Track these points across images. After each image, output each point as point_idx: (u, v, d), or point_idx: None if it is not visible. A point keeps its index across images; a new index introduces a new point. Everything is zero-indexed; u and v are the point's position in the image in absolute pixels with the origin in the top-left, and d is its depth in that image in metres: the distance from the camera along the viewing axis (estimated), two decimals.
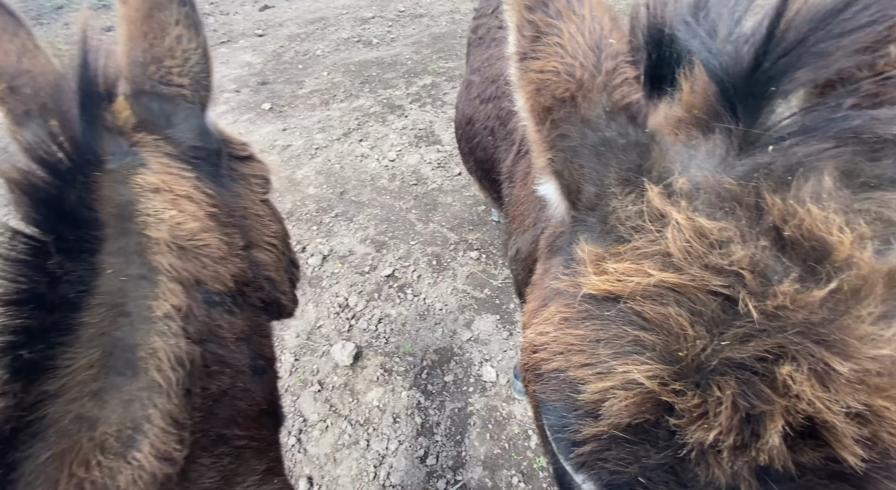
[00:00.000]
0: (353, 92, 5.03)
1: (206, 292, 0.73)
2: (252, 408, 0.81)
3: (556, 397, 0.44)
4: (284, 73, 5.69)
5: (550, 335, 0.46)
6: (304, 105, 4.91)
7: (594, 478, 0.42)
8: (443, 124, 4.25)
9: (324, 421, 2.09)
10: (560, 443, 0.45)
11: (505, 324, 2.48)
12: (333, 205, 3.49)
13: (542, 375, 0.47)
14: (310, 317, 2.63)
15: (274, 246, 0.95)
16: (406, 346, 2.41)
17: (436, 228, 3.18)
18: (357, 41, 6.31)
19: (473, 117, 1.72)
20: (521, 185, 1.26)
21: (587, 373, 0.41)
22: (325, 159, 4.00)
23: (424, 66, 5.35)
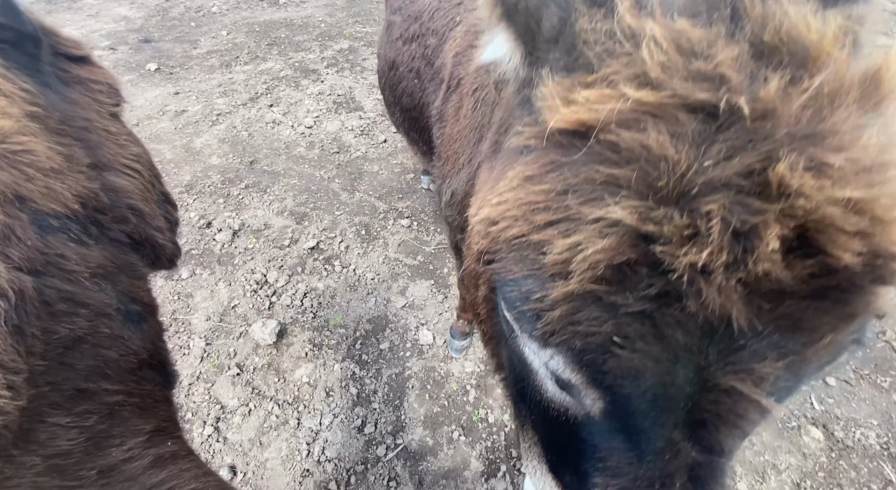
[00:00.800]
0: (258, 54, 4.51)
1: (35, 212, 0.60)
2: (127, 358, 0.70)
3: (517, 268, 0.39)
4: (173, 31, 4.91)
5: (510, 201, 0.41)
6: (199, 67, 4.29)
7: (564, 348, 0.38)
8: (364, 90, 4.01)
9: (245, 405, 1.88)
10: (524, 318, 0.40)
11: (440, 288, 2.45)
12: (243, 175, 3.12)
13: (500, 250, 0.41)
14: (222, 297, 2.33)
15: (136, 171, 0.83)
16: (336, 319, 2.26)
17: (363, 198, 3.01)
18: (260, 0, 5.65)
19: (397, 61, 1.60)
20: (453, 122, 1.20)
21: (553, 232, 0.37)
22: (230, 126, 3.56)
23: (340, 29, 4.99)
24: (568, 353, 0.38)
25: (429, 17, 1.41)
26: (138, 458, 0.71)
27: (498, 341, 0.58)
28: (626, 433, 0.40)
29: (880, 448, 1.78)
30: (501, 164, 0.50)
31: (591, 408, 0.42)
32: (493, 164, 0.58)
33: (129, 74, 4.17)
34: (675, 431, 0.38)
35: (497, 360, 0.63)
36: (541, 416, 0.50)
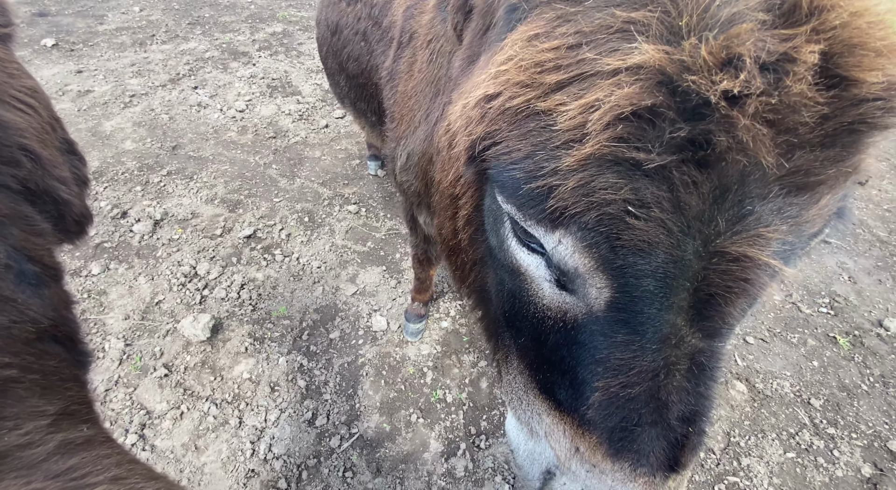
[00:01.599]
0: (178, 33, 4.10)
1: None
2: (24, 326, 0.58)
3: (522, 144, 0.35)
4: (74, 5, 4.31)
5: (512, 68, 0.37)
6: (107, 44, 3.80)
7: (575, 225, 0.35)
8: (301, 75, 3.80)
9: (176, 408, 1.66)
10: (530, 201, 0.36)
11: (392, 273, 2.37)
12: (164, 162, 2.79)
13: (500, 130, 0.37)
14: (143, 293, 2.05)
15: (30, 107, 0.71)
16: (280, 310, 2.09)
17: (304, 184, 2.83)
18: None
19: (340, 24, 1.51)
20: (406, 79, 1.14)
21: (566, 95, 0.33)
22: (147, 108, 3.18)
23: (273, 12, 4.69)
24: (579, 230, 0.35)
25: None
26: (39, 443, 0.59)
27: (482, 266, 0.54)
28: (629, 324, 0.38)
29: (794, 396, 2.02)
30: (487, 55, 0.46)
31: (594, 301, 0.39)
32: (469, 73, 0.54)
33: (20, 51, 3.56)
34: (680, 315, 0.36)
35: (477, 292, 0.59)
36: (532, 332, 0.47)
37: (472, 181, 0.48)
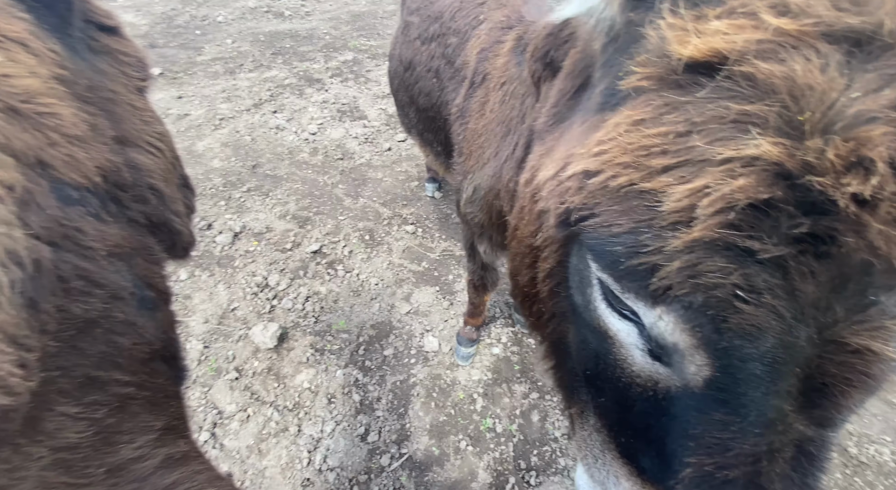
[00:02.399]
0: (263, 62, 4.54)
1: (56, 181, 0.56)
2: (140, 348, 0.65)
3: (624, 220, 0.37)
4: (178, 38, 4.94)
5: (615, 149, 0.38)
6: (203, 73, 4.30)
7: (679, 304, 0.35)
8: (368, 100, 4.04)
9: (244, 411, 1.79)
10: (630, 276, 0.37)
11: (445, 294, 2.41)
12: (245, 179, 3.08)
13: (599, 204, 0.39)
14: (221, 299, 2.26)
15: (159, 150, 0.81)
16: (339, 323, 2.20)
17: (366, 203, 2.99)
18: (266, 12, 5.74)
19: (414, 61, 1.61)
20: (477, 117, 1.19)
21: (671, 177, 0.34)
22: (233, 130, 3.54)
23: (345, 42, 5.06)
24: (683, 309, 0.35)
25: (450, 16, 1.43)
26: (148, 457, 0.66)
27: (562, 320, 0.55)
28: (730, 404, 0.37)
29: (894, 464, 1.75)
30: (580, 124, 0.48)
31: (692, 377, 0.39)
32: (556, 133, 0.56)
33: None
34: (787, 401, 0.35)
35: (554, 344, 0.60)
36: (616, 395, 0.47)
37: (559, 240, 0.49)
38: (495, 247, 1.37)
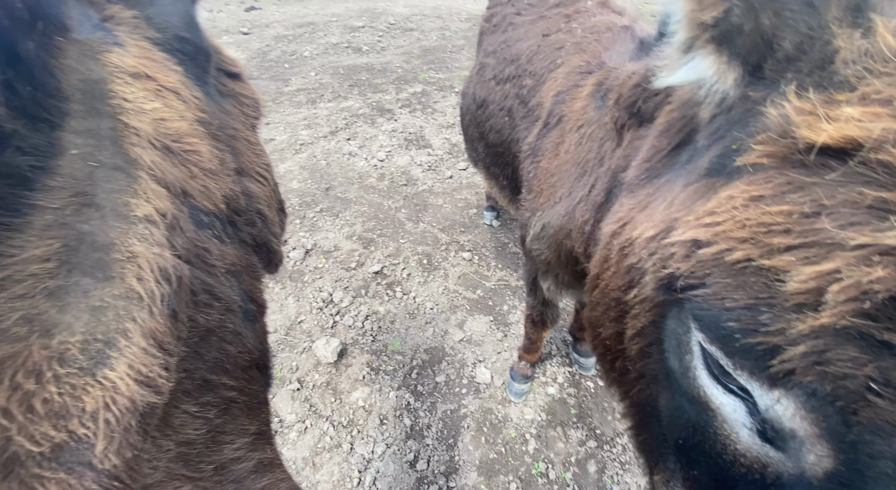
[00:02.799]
0: (341, 93, 4.95)
1: (193, 207, 0.65)
2: (243, 355, 0.72)
3: (738, 295, 0.36)
4: (270, 71, 5.55)
5: (730, 222, 0.38)
6: (289, 102, 4.78)
7: (802, 391, 0.33)
8: (433, 130, 4.23)
9: (302, 422, 1.88)
10: (745, 354, 0.36)
11: (499, 325, 2.38)
12: (318, 200, 3.33)
13: (710, 275, 0.38)
14: (289, 311, 2.42)
15: (265, 179, 0.91)
16: (395, 344, 2.26)
17: (426, 228, 3.08)
18: (346, 47, 6.30)
19: (487, 99, 1.68)
20: (551, 157, 1.21)
21: (795, 257, 0.34)
22: (311, 155, 3.86)
23: (415, 75, 5.39)
24: (805, 397, 0.34)
25: (527, 60, 1.49)
26: (244, 459, 0.72)
27: (652, 382, 0.53)
28: None
29: None
30: (682, 187, 0.48)
31: (810, 466, 0.36)
32: (649, 189, 0.56)
33: None
34: None
35: (639, 406, 0.58)
36: (713, 471, 0.44)
37: (656, 301, 0.49)
38: (560, 285, 1.35)
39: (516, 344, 2.26)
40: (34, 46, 0.49)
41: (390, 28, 7.11)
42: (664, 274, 0.44)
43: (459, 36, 6.75)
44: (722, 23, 0.44)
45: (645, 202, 0.56)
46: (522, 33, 1.62)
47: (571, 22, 1.47)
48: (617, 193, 0.79)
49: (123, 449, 0.45)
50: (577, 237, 1.06)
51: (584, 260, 1.01)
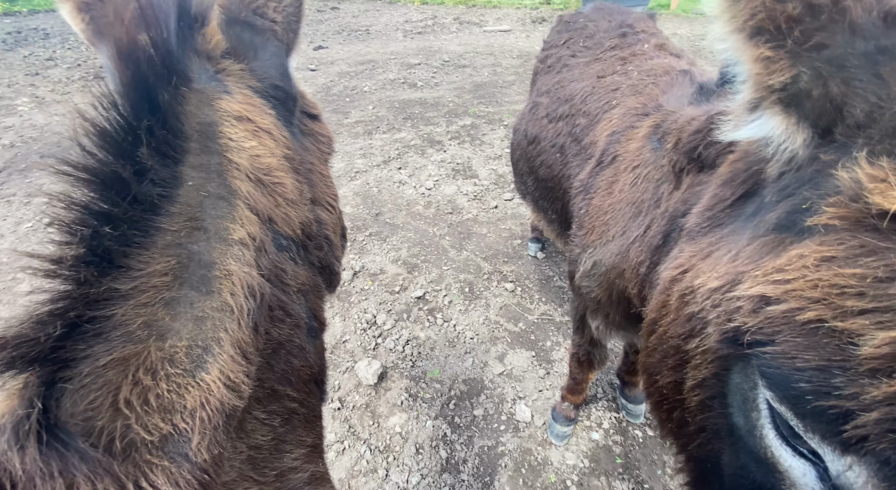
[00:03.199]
0: (395, 125, 5.25)
1: (276, 232, 0.73)
2: (305, 369, 0.77)
3: (810, 356, 0.36)
4: (332, 104, 6.02)
5: (801, 281, 0.38)
6: (348, 133, 5.12)
7: (876, 458, 0.32)
8: (480, 161, 4.34)
9: (341, 442, 1.91)
10: (815, 416, 0.35)
11: (541, 361, 2.32)
12: (368, 224, 3.49)
13: (780, 333, 0.38)
14: (336, 330, 2.52)
15: (333, 208, 0.99)
16: (434, 372, 2.26)
17: (469, 256, 3.12)
18: (402, 83, 6.71)
19: (539, 136, 1.73)
20: (604, 195, 1.22)
21: (870, 321, 0.33)
22: (364, 182, 4.09)
23: (465, 108, 5.61)
24: (879, 465, 0.32)
25: (581, 100, 1.53)
26: (300, 470, 0.76)
27: (713, 437, 0.51)
28: None
29: None
30: (748, 240, 0.48)
31: None
32: (712, 237, 0.56)
33: None
34: None
35: (699, 461, 0.55)
36: None
37: (720, 354, 0.48)
38: (611, 325, 1.31)
39: (559, 383, 2.18)
40: (168, 97, 0.60)
41: (444, 65, 7.51)
42: (729, 327, 0.44)
43: (510, 72, 6.98)
44: (790, 87, 0.45)
45: (707, 251, 0.56)
46: (577, 74, 1.67)
47: (627, 64, 1.50)
48: (675, 237, 0.79)
49: (212, 445, 0.50)
50: (630, 277, 1.04)
51: (637, 302, 0.99)
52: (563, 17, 2.15)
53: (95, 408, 0.44)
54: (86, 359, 0.46)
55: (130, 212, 0.52)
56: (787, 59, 0.45)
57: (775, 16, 0.45)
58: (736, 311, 0.43)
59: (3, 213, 3.66)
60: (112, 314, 0.48)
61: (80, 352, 0.46)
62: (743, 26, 0.47)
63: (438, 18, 11.80)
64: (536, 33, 9.66)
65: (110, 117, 0.52)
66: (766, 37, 0.46)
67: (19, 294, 2.76)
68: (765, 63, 0.46)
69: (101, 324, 0.48)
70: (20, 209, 3.71)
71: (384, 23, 11.44)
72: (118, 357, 0.47)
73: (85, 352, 0.46)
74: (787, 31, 0.44)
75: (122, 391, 0.45)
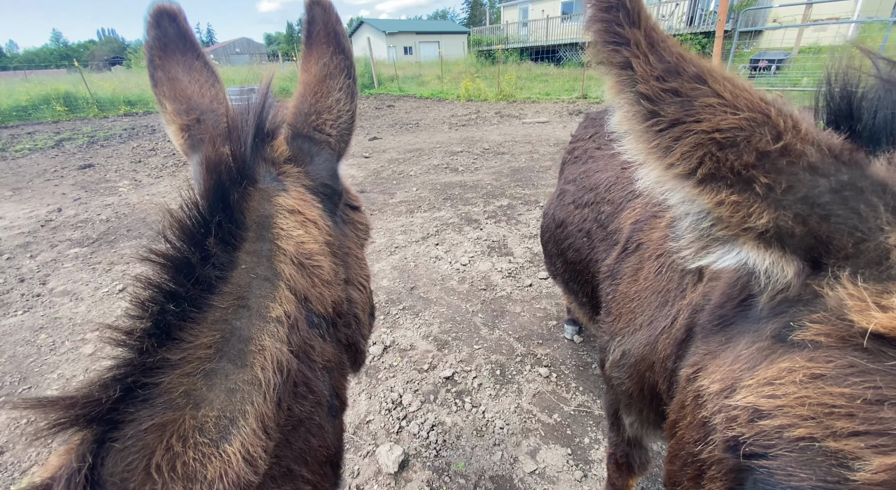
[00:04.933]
0: (435, 205, 5.59)
1: (309, 310, 0.78)
2: (322, 450, 0.75)
3: (806, 475, 0.34)
4: (380, 186, 6.58)
5: (790, 397, 0.37)
6: (392, 211, 5.51)
7: None
8: (516, 239, 4.43)
9: None
10: None
11: (578, 461, 2.09)
12: (403, 298, 3.56)
13: (775, 447, 0.36)
14: (360, 409, 2.45)
15: (364, 287, 1.03)
16: (459, 465, 2.09)
17: (501, 336, 3.04)
18: (445, 167, 7.28)
19: (566, 221, 1.78)
20: (630, 282, 1.21)
21: (864, 443, 0.31)
22: (402, 257, 4.26)
23: (503, 190, 5.91)
24: None
25: (605, 189, 1.59)
26: None
27: None
28: None
29: None
30: (747, 343, 0.47)
31: None
32: (721, 337, 0.55)
33: None
34: None
35: None
36: None
37: (730, 464, 0.44)
38: (645, 423, 1.20)
39: (598, 488, 1.93)
40: (237, 196, 0.72)
41: (484, 152, 8.13)
42: (730, 436, 0.41)
43: (547, 158, 7.40)
44: (771, 229, 0.44)
45: (716, 350, 0.54)
46: (602, 165, 1.77)
47: None
48: (696, 332, 0.76)
49: None
50: (660, 371, 0.98)
51: (667, 400, 0.92)
52: (589, 115, 2.34)
53: (131, 469, 0.47)
54: (132, 422, 0.50)
55: (192, 291, 0.60)
56: (760, 203, 0.44)
57: (729, 164, 0.44)
58: (734, 419, 0.41)
59: (87, 278, 4.15)
60: (160, 381, 0.53)
61: (129, 415, 0.50)
62: (689, 174, 0.46)
63: (481, 113, 13.09)
64: (572, 123, 10.36)
65: (191, 215, 0.64)
66: (726, 183, 0.45)
67: (83, 354, 3.00)
68: (733, 207, 0.45)
69: (150, 390, 0.53)
70: (101, 276, 4.19)
71: (433, 117, 12.86)
72: (158, 422, 0.51)
73: (133, 415, 0.50)
74: (748, 178, 0.44)
75: (155, 456, 0.49)
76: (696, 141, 0.46)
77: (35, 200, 6.50)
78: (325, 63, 0.93)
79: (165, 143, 10.51)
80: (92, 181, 7.46)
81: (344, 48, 0.93)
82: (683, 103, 0.47)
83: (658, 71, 0.47)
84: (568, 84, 17.24)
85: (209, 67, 0.98)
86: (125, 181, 7.38)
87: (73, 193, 6.79)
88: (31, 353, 3.07)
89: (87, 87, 16.45)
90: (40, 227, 5.40)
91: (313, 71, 0.95)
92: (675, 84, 0.47)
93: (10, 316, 3.55)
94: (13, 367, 2.93)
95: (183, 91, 0.93)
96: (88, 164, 8.63)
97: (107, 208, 5.98)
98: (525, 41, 29.72)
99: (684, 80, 0.47)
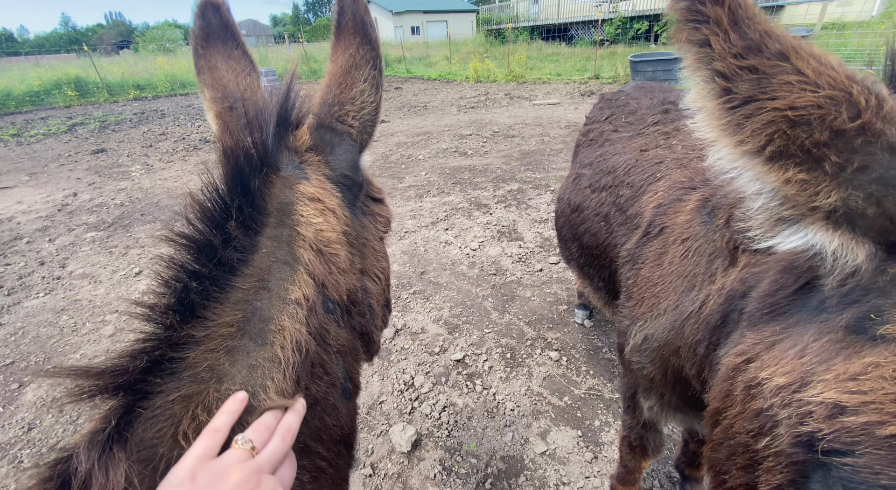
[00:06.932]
0: (445, 190, 5.54)
1: (325, 296, 0.80)
2: (336, 429, 0.79)
3: (893, 473, 0.32)
4: (389, 170, 6.54)
5: (877, 393, 0.35)
6: (401, 196, 5.48)
7: None
8: (526, 224, 4.39)
9: None
10: None
11: (588, 443, 2.11)
12: (413, 283, 3.57)
13: (859, 444, 0.35)
14: (373, 390, 2.49)
15: (380, 279, 1.04)
16: (470, 445, 2.12)
17: (512, 320, 3.04)
18: (454, 151, 7.19)
19: (582, 205, 1.75)
20: (653, 266, 1.19)
21: None
22: (412, 242, 4.26)
23: (513, 174, 5.83)
24: None
25: (624, 172, 1.55)
26: None
27: None
28: None
29: None
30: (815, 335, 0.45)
31: None
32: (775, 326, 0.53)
33: None
34: None
35: None
36: None
37: (795, 458, 0.43)
38: (666, 407, 1.20)
39: (608, 469, 1.95)
40: (258, 183, 0.72)
41: (494, 135, 8.00)
42: (803, 431, 0.40)
43: (558, 141, 7.27)
44: (840, 208, 0.43)
45: (771, 340, 0.53)
46: (620, 148, 1.72)
47: (671, 139, 1.53)
48: (735, 319, 0.74)
49: None
50: (687, 356, 0.97)
51: (697, 384, 0.91)
52: (604, 96, 2.27)
53: (160, 436, 0.50)
54: (160, 393, 0.53)
55: (214, 272, 0.62)
56: (829, 182, 0.43)
57: (799, 142, 0.43)
58: (808, 414, 0.40)
59: (104, 261, 4.23)
60: (186, 356, 0.56)
61: (157, 386, 0.53)
62: (758, 151, 0.45)
63: (491, 94, 12.84)
64: (584, 105, 10.12)
65: (212, 198, 0.66)
66: (794, 160, 0.44)
67: (104, 336, 3.08)
68: (800, 185, 0.44)
69: (176, 364, 0.56)
70: (118, 259, 4.26)
71: (441, 99, 12.64)
72: (184, 394, 0.54)
73: (161, 387, 0.54)
74: (819, 156, 0.43)
75: (182, 424, 0.51)
76: (768, 118, 0.45)
77: (51, 185, 6.58)
78: (352, 54, 0.92)
79: (175, 128, 10.51)
80: (105, 166, 7.51)
81: (371, 39, 0.92)
82: (760, 80, 0.46)
83: (737, 48, 0.46)
84: (580, 64, 16.78)
85: (247, 56, 0.99)
86: (137, 166, 7.43)
87: (88, 178, 6.86)
88: (53, 333, 3.15)
89: (96, 71, 16.44)
90: (57, 212, 5.48)
91: (340, 61, 0.94)
92: (755, 61, 0.46)
93: (31, 298, 3.64)
94: (37, 347, 3.02)
95: (220, 79, 0.94)
96: (101, 148, 8.69)
97: (120, 193, 6.04)
98: (535, 19, 28.86)
99: (765, 57, 0.46)
